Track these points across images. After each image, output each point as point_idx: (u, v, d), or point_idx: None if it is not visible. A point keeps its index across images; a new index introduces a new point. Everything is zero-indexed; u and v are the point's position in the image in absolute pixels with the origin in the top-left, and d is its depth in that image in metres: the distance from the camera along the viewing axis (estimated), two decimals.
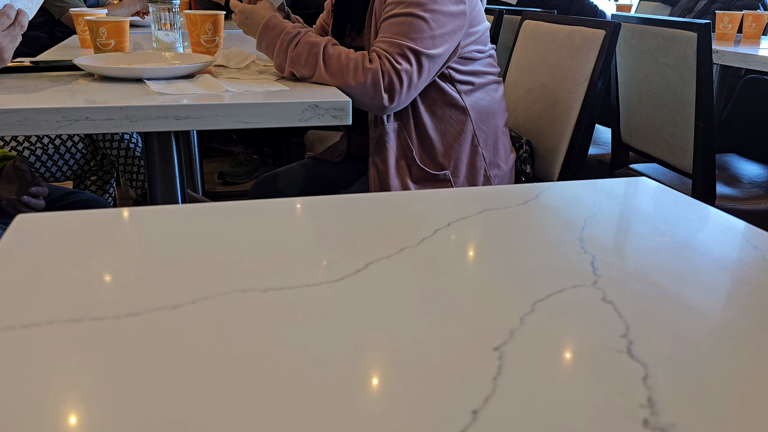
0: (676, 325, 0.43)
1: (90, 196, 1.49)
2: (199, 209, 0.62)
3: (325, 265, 0.51)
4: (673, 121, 1.72)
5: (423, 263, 0.51)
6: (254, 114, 1.03)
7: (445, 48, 1.19)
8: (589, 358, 0.39)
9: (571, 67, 1.46)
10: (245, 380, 0.36)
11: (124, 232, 0.57)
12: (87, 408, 0.33)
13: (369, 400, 0.35)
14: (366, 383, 0.36)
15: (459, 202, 0.66)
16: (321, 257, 0.53)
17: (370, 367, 0.38)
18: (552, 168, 1.49)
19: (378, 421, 0.33)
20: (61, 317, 0.41)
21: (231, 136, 3.28)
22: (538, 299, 0.46)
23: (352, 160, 1.54)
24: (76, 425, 0.32)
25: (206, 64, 1.24)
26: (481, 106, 1.32)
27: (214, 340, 0.39)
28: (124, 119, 0.98)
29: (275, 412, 0.33)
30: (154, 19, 1.49)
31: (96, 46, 1.45)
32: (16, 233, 0.54)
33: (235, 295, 0.45)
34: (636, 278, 0.50)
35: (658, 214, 0.65)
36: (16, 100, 1.01)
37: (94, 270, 0.49)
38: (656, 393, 0.35)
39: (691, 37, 1.58)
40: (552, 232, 0.58)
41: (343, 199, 0.67)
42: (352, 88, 1.14)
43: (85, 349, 0.38)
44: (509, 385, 0.36)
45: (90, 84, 1.16)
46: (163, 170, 1.28)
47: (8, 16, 1.02)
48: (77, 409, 0.33)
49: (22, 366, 0.36)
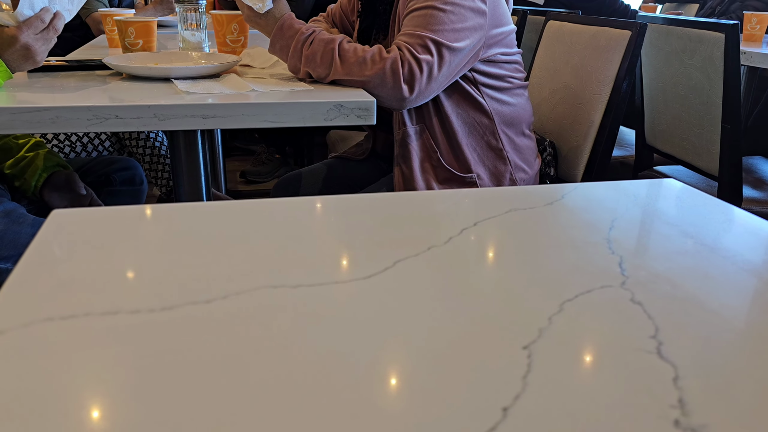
0: (705, 327, 0.43)
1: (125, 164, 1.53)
2: (228, 207, 0.63)
3: (353, 263, 0.51)
4: (699, 122, 1.70)
5: (450, 262, 0.52)
6: (280, 113, 1.04)
7: (467, 43, 1.18)
8: (619, 358, 0.39)
9: (595, 68, 1.45)
10: (277, 374, 0.36)
11: (156, 227, 0.58)
12: (123, 398, 0.34)
13: (399, 397, 0.35)
14: (396, 380, 0.37)
15: (485, 202, 0.66)
16: (349, 255, 0.53)
17: (400, 363, 0.38)
18: (575, 169, 1.48)
19: (408, 417, 0.33)
20: (98, 310, 0.42)
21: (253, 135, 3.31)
22: (567, 299, 0.46)
23: (376, 158, 1.55)
24: (112, 414, 0.33)
25: (232, 63, 1.25)
26: (506, 109, 1.32)
27: (246, 334, 0.40)
28: (152, 118, 1.00)
29: (305, 406, 0.34)
30: (181, 19, 1.51)
31: (124, 45, 1.47)
32: (52, 228, 0.56)
33: (265, 291, 0.46)
34: (664, 280, 0.49)
35: (685, 216, 0.64)
36: (48, 98, 1.03)
37: (128, 264, 0.50)
38: (687, 394, 0.35)
39: (718, 38, 1.56)
40: (579, 233, 0.58)
41: (370, 197, 0.68)
42: (370, 79, 1.12)
43: (122, 341, 0.39)
44: (539, 384, 0.36)
45: (119, 83, 1.18)
46: (189, 168, 1.29)
47: (43, 20, 1.04)
48: (114, 398, 0.34)
49: (62, 356, 0.37)
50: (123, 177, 1.52)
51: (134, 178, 1.54)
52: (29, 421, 0.32)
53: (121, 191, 1.52)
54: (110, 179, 1.51)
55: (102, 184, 1.50)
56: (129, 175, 1.53)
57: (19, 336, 0.39)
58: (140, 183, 1.56)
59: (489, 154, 1.31)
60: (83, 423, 0.32)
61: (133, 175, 1.54)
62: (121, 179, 1.52)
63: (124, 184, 1.53)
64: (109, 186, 1.50)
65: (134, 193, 1.54)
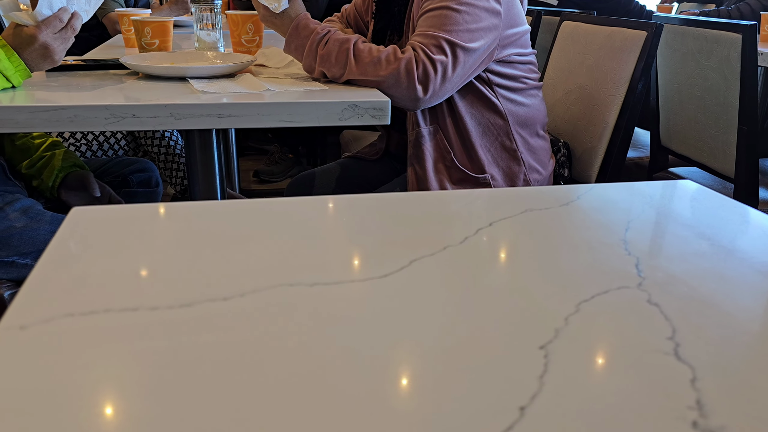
0: (722, 329, 0.43)
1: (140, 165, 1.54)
2: (244, 205, 0.64)
3: (369, 262, 0.51)
4: (715, 124, 1.69)
5: (466, 261, 0.52)
6: (294, 113, 1.05)
7: (481, 43, 1.18)
8: (636, 359, 0.39)
9: (610, 69, 1.44)
10: (294, 371, 0.36)
11: (174, 226, 0.59)
12: (142, 392, 0.34)
13: (416, 395, 0.35)
14: (413, 378, 0.37)
15: (500, 203, 0.66)
16: (365, 254, 0.53)
17: (417, 362, 0.38)
18: (589, 171, 1.48)
19: (425, 416, 0.33)
20: (117, 306, 0.43)
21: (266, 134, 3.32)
22: (583, 299, 0.46)
23: (389, 158, 1.55)
24: (131, 409, 0.33)
25: (247, 63, 1.26)
26: (520, 110, 1.31)
27: (264, 332, 0.41)
28: (168, 117, 1.01)
29: (322, 404, 0.34)
30: (196, 19, 1.52)
31: (141, 45, 1.48)
32: (72, 225, 0.56)
33: (282, 289, 0.46)
34: (681, 281, 0.49)
35: (702, 218, 0.64)
36: (66, 97, 1.04)
37: (147, 261, 0.51)
38: (705, 395, 0.35)
39: (735, 39, 1.55)
40: (595, 234, 0.58)
41: (384, 197, 0.68)
42: (385, 79, 1.12)
43: (141, 337, 0.40)
44: (556, 384, 0.36)
45: (136, 82, 1.19)
46: (204, 167, 1.30)
47: (61, 19, 1.05)
48: (133, 393, 0.35)
49: (83, 351, 0.38)
50: (139, 179, 1.54)
51: (150, 180, 1.56)
52: (50, 415, 0.32)
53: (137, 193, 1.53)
54: (127, 180, 1.52)
55: (119, 185, 1.51)
56: (145, 177, 1.55)
57: (40, 331, 0.40)
58: (156, 185, 1.57)
59: (503, 154, 1.31)
60: (103, 417, 0.33)
61: (150, 177, 1.56)
62: (138, 181, 1.54)
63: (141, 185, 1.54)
64: (125, 187, 1.52)
65: (150, 195, 1.56)
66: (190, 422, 0.32)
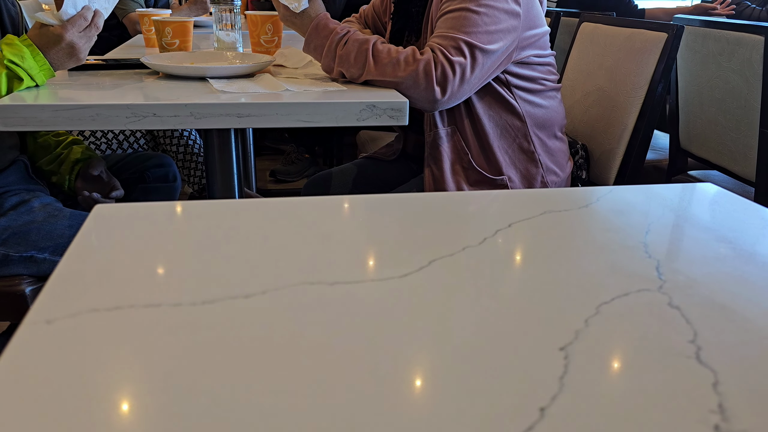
0: (744, 333, 0.42)
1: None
2: (263, 204, 0.64)
3: (388, 262, 0.52)
4: (736, 127, 1.67)
5: (485, 262, 0.52)
6: (313, 113, 1.05)
7: (500, 45, 1.18)
8: (657, 362, 0.39)
9: (630, 71, 1.43)
10: (315, 368, 0.37)
11: (195, 224, 0.60)
12: (164, 387, 0.35)
13: (435, 395, 0.35)
14: (433, 378, 0.37)
15: (519, 204, 0.66)
16: (384, 254, 0.54)
17: (437, 362, 0.39)
18: (607, 173, 1.47)
19: (445, 416, 0.33)
20: (141, 302, 0.44)
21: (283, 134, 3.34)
22: (603, 302, 0.46)
23: (406, 159, 1.55)
24: (154, 403, 0.34)
25: (266, 63, 1.27)
26: (538, 112, 1.31)
27: (285, 329, 0.41)
28: (188, 116, 1.02)
29: (342, 402, 0.34)
30: (216, 19, 1.53)
31: (161, 45, 1.50)
32: (96, 222, 0.57)
33: (303, 287, 0.46)
34: (702, 284, 0.49)
35: (722, 221, 0.64)
36: (88, 96, 1.06)
37: (169, 258, 0.51)
38: (727, 399, 0.35)
39: (757, 41, 1.53)
40: (615, 236, 0.58)
41: (402, 197, 0.68)
42: (403, 80, 1.13)
43: (165, 333, 0.40)
44: (576, 385, 0.36)
45: (156, 82, 1.21)
46: (222, 167, 1.31)
47: (85, 18, 1.06)
48: (156, 388, 0.35)
49: (107, 345, 0.38)
50: (157, 174, 1.55)
51: (168, 175, 1.57)
52: (76, 408, 0.33)
53: (155, 188, 1.54)
54: (144, 176, 1.54)
55: (136, 180, 1.53)
56: (163, 172, 1.56)
57: (66, 326, 0.40)
58: (174, 180, 1.58)
59: (520, 156, 1.30)
60: (127, 411, 0.33)
61: (167, 172, 1.57)
62: (155, 176, 1.55)
63: (158, 180, 1.55)
64: (143, 183, 1.53)
65: (168, 190, 1.57)
66: (212, 417, 0.33)
